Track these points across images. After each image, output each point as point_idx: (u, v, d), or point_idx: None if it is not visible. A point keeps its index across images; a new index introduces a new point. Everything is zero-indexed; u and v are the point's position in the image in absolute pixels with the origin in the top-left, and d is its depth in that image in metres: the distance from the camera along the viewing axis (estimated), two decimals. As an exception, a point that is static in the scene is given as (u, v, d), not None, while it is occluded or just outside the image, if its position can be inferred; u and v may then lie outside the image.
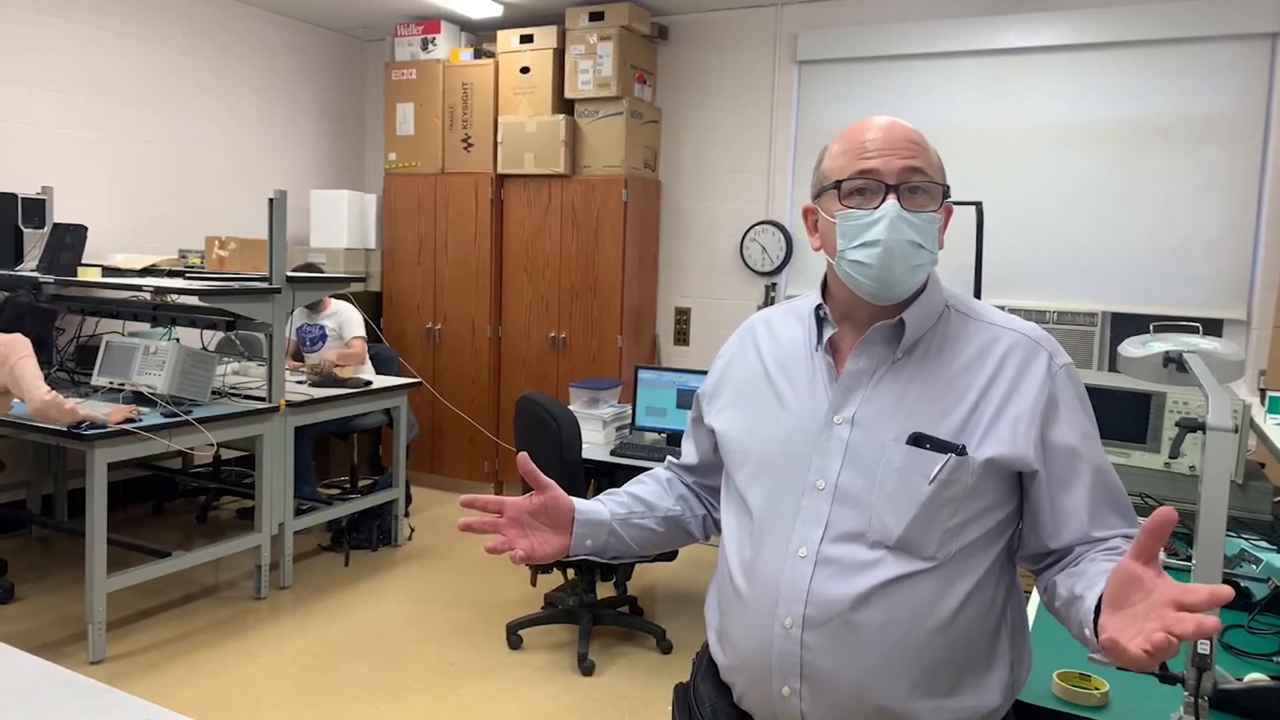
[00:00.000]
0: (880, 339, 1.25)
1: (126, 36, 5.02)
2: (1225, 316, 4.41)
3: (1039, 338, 1.25)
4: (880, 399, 1.23)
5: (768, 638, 1.22)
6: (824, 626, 1.18)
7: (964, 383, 1.21)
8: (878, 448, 1.20)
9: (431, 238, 5.80)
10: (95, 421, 3.30)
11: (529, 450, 3.51)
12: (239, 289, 3.84)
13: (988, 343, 1.24)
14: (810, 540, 1.21)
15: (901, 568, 1.17)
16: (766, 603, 1.22)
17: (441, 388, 5.75)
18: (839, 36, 5.13)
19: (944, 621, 1.17)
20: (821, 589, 1.19)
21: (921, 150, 1.22)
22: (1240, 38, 4.32)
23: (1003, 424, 1.19)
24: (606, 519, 1.42)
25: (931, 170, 1.22)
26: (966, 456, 1.17)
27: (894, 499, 1.18)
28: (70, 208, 4.66)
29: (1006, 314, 1.31)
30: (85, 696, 1.45)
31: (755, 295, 5.45)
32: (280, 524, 4.09)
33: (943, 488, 1.17)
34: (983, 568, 1.20)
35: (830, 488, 1.21)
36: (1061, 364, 1.24)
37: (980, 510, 1.20)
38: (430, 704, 3.21)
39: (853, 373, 1.25)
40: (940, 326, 1.26)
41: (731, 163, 5.50)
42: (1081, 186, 4.66)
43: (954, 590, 1.18)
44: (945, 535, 1.17)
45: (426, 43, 5.75)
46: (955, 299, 1.30)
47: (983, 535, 1.20)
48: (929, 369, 1.23)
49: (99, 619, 3.37)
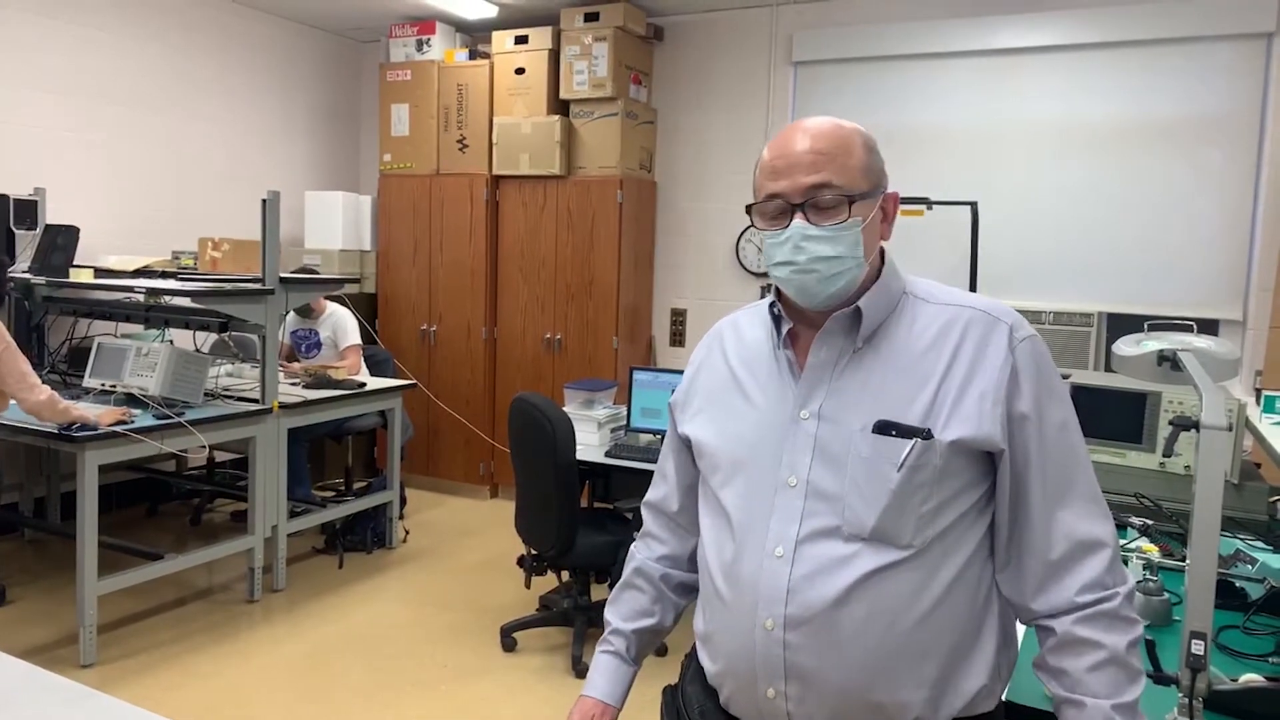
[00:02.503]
0: (839, 329, 1.24)
1: (120, 37, 5.00)
2: (1221, 317, 4.40)
3: (999, 312, 1.23)
4: (845, 390, 1.22)
5: (750, 640, 1.21)
6: (806, 626, 1.17)
7: (926, 366, 1.20)
8: (845, 439, 1.19)
9: (426, 239, 5.78)
10: (86, 423, 3.28)
11: (524, 452, 3.50)
12: (232, 290, 3.82)
13: (947, 323, 1.22)
14: (786, 538, 1.20)
15: (880, 559, 1.16)
16: (747, 605, 1.21)
17: (437, 389, 5.73)
18: (835, 37, 5.13)
19: (927, 610, 1.16)
20: (801, 588, 1.18)
21: (829, 160, 1.20)
22: (1236, 38, 4.32)
23: (967, 403, 1.17)
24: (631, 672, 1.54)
25: (845, 176, 1.20)
26: (933, 440, 1.15)
27: (864, 489, 1.17)
28: (62, 209, 4.64)
29: (967, 293, 1.28)
30: (72, 701, 1.44)
31: (751, 296, 5.44)
32: (274, 526, 4.07)
33: (912, 473, 1.15)
34: (965, 551, 1.19)
35: (802, 484, 1.21)
36: (1023, 337, 1.20)
37: (954, 493, 1.18)
38: (424, 706, 3.20)
39: (815, 365, 1.24)
40: (900, 312, 1.25)
41: (727, 164, 5.49)
42: (1077, 186, 4.66)
43: (936, 578, 1.17)
44: (920, 522, 1.16)
45: (421, 44, 5.74)
46: (915, 285, 1.29)
47: (960, 518, 1.19)
48: (890, 356, 1.22)
49: (90, 622, 3.35)
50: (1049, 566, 1.18)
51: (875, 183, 1.22)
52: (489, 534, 5.05)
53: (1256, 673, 1.52)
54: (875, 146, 1.25)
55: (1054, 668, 1.18)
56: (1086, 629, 1.15)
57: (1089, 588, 1.16)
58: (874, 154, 1.23)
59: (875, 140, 1.26)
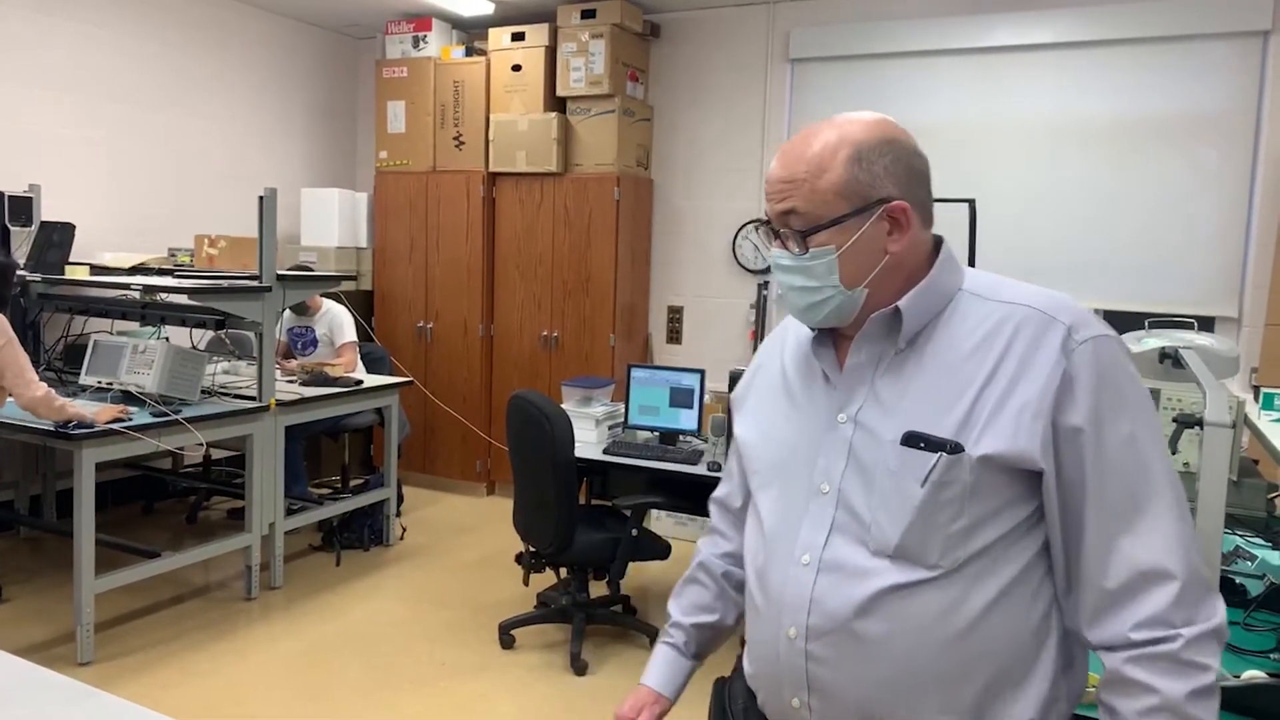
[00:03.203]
0: (878, 332, 1.16)
1: (117, 34, 4.98)
2: (1217, 314, 4.42)
3: (1058, 310, 1.09)
4: (883, 395, 1.14)
5: (776, 648, 1.18)
6: (827, 637, 1.13)
7: (969, 371, 1.10)
8: (877, 450, 1.12)
9: (423, 236, 5.77)
10: (83, 421, 3.27)
11: (522, 449, 3.50)
12: (229, 287, 3.81)
13: (997, 323, 1.11)
14: (814, 547, 1.15)
15: (903, 577, 1.09)
16: (774, 611, 1.19)
17: (433, 387, 5.72)
18: (832, 34, 5.13)
19: (959, 633, 1.08)
20: (823, 598, 1.13)
21: (795, 186, 1.12)
22: (1232, 36, 4.33)
23: (1005, 415, 1.07)
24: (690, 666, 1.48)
25: (813, 202, 1.12)
26: (961, 454, 1.06)
27: (890, 504, 1.10)
28: (59, 206, 4.62)
29: (1033, 289, 1.14)
30: (72, 700, 1.43)
31: (748, 293, 5.44)
32: (271, 524, 4.06)
33: (937, 490, 1.07)
34: (1010, 572, 1.09)
35: (834, 491, 1.15)
36: (1085, 338, 1.07)
37: (991, 511, 1.08)
38: (422, 704, 3.19)
39: (854, 367, 1.18)
40: (951, 312, 1.14)
41: (724, 161, 5.49)
42: (1074, 184, 4.67)
43: (971, 600, 1.08)
44: (949, 541, 1.08)
45: (418, 40, 5.72)
46: (975, 281, 1.17)
47: (1002, 539, 1.09)
48: (933, 360, 1.13)
49: (87, 620, 3.34)
50: (1105, 596, 1.06)
51: (862, 199, 1.11)
52: (486, 531, 5.05)
53: (1258, 669, 1.53)
54: (872, 154, 1.12)
55: (1105, 703, 1.08)
56: (1138, 670, 1.04)
57: (1147, 624, 1.04)
58: (863, 164, 1.11)
59: (887, 141, 1.13)
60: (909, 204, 1.13)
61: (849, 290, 1.14)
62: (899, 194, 1.12)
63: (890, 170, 1.12)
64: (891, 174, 1.12)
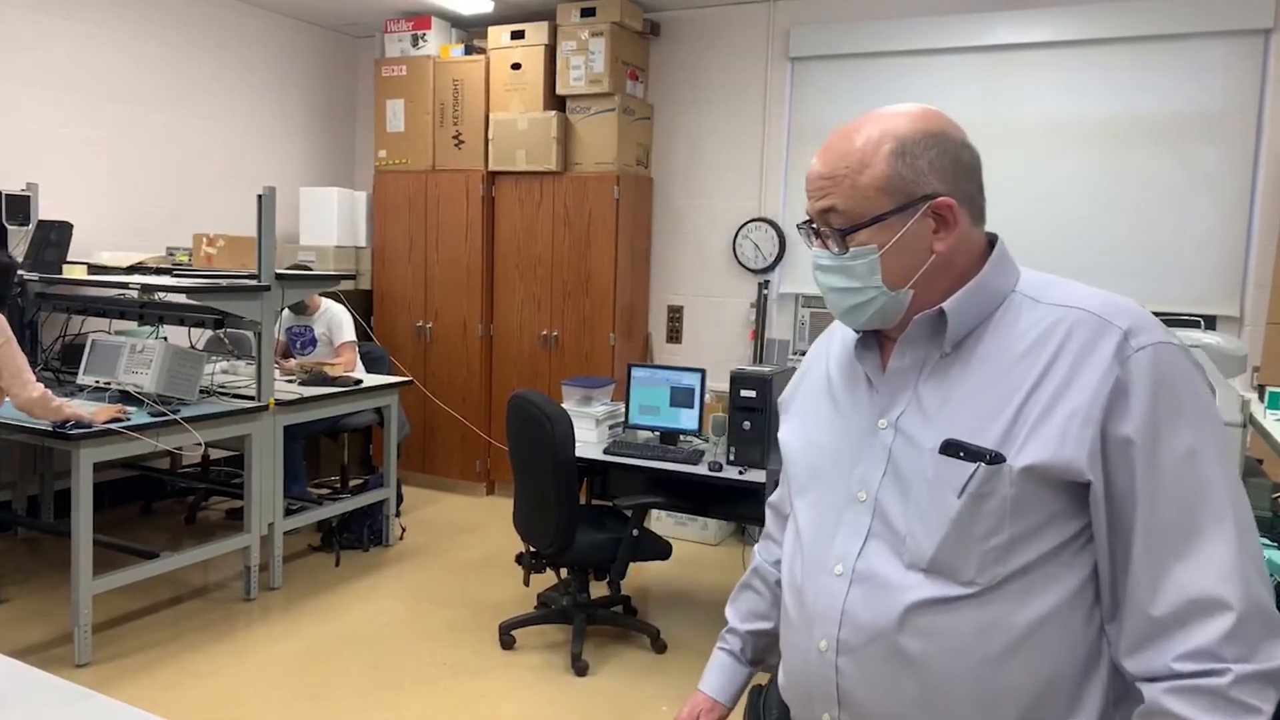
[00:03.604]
0: (922, 334, 1.11)
1: (116, 33, 4.96)
2: (1219, 313, 4.40)
3: (1113, 313, 1.03)
4: (926, 401, 1.09)
5: (806, 661, 1.15)
6: (858, 652, 1.09)
7: (1015, 378, 1.04)
8: (916, 458, 1.08)
9: (422, 235, 5.75)
10: (81, 421, 3.25)
11: (522, 449, 3.49)
12: (228, 287, 3.80)
13: (1049, 327, 1.04)
14: (847, 557, 1.11)
15: (937, 593, 1.04)
16: (805, 623, 1.15)
17: (433, 386, 5.71)
18: (831, 33, 5.11)
19: (998, 655, 1.02)
20: (855, 611, 1.09)
21: (835, 183, 1.08)
22: (1233, 34, 4.32)
23: (1052, 423, 1.00)
24: (747, 674, 1.44)
25: (853, 200, 1.07)
26: (1002, 465, 1.01)
27: (926, 515, 1.05)
28: (56, 204, 4.61)
29: (1089, 291, 1.08)
30: (69, 702, 1.42)
31: (748, 293, 5.42)
32: (270, 524, 4.05)
33: (974, 502, 1.02)
34: (1059, 592, 1.02)
35: (871, 499, 1.11)
36: (1141, 345, 1.00)
37: (1034, 527, 1.02)
38: (423, 705, 3.18)
39: (896, 371, 1.13)
40: (1002, 314, 1.09)
41: (724, 160, 5.47)
42: (1073, 183, 4.66)
43: (1012, 620, 1.02)
44: (987, 557, 1.02)
45: (417, 39, 5.71)
46: (1028, 282, 1.11)
47: (1047, 557, 1.02)
48: (980, 365, 1.07)
49: (85, 621, 3.32)
50: (1149, 623, 0.98)
51: (906, 196, 1.06)
52: (486, 531, 5.03)
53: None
54: (917, 147, 1.06)
55: None
56: (1177, 703, 0.95)
57: (1193, 656, 0.95)
58: (907, 159, 1.06)
59: (933, 134, 1.08)
60: (956, 200, 1.07)
61: (893, 291, 1.09)
62: (945, 189, 1.07)
63: (935, 164, 1.07)
64: (937, 168, 1.07)
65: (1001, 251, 1.13)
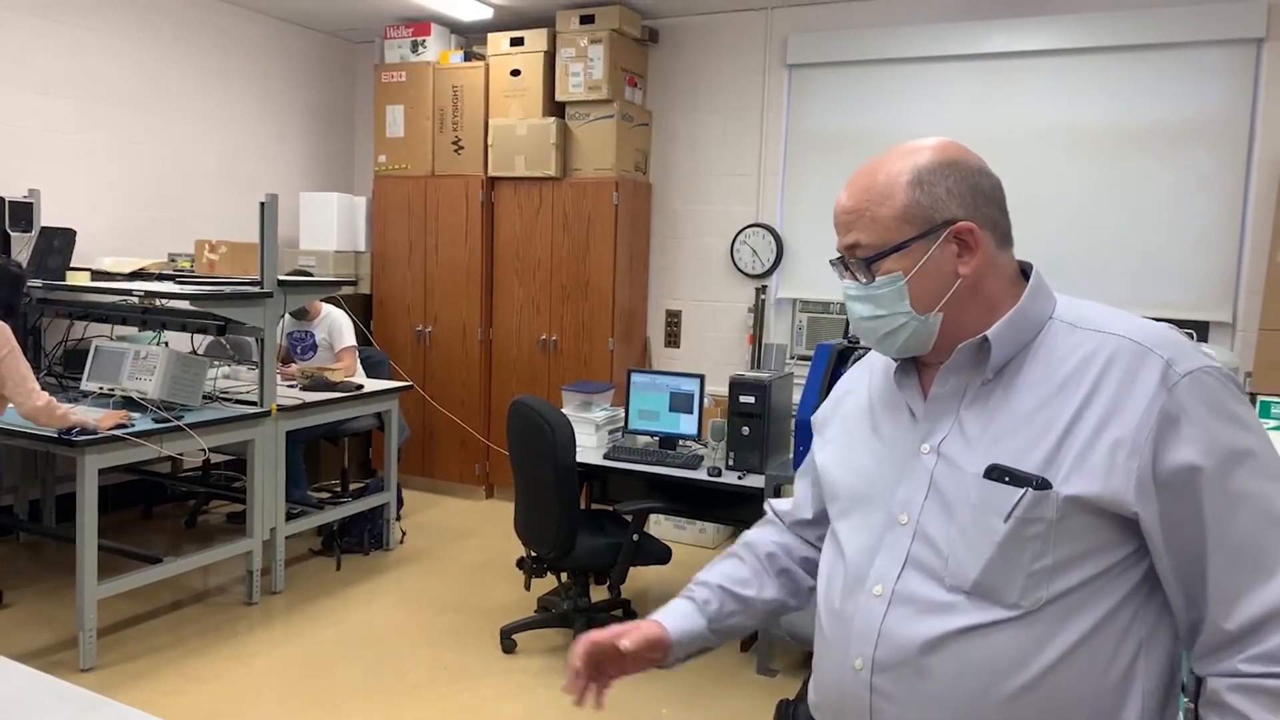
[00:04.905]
0: (965, 362, 1.13)
1: (115, 38, 4.98)
2: (1212, 319, 4.45)
3: (1155, 341, 1.04)
4: (969, 427, 1.11)
5: (841, 679, 1.16)
6: (893, 671, 1.10)
7: (1057, 405, 1.05)
8: (959, 482, 1.09)
9: (422, 240, 5.78)
10: (86, 427, 3.27)
11: (523, 454, 3.51)
12: (231, 293, 3.82)
13: (1089, 354, 1.06)
14: (887, 578, 1.12)
15: (979, 616, 1.05)
16: (841, 641, 1.17)
17: (432, 391, 5.74)
18: (829, 40, 5.15)
19: (1036, 677, 1.04)
20: (892, 630, 1.10)
21: (858, 217, 1.13)
22: (1226, 43, 4.36)
23: (1096, 453, 1.02)
24: (703, 629, 1.34)
25: (875, 231, 1.12)
26: (1049, 491, 1.02)
27: (970, 538, 1.07)
28: (58, 211, 4.63)
29: (1128, 318, 1.09)
30: (82, 710, 1.44)
31: (746, 298, 5.46)
32: (272, 529, 4.07)
33: (1020, 526, 1.03)
34: (1096, 614, 1.04)
35: (913, 523, 1.12)
36: (1186, 371, 1.01)
37: (1079, 553, 1.03)
38: (424, 708, 3.21)
39: (939, 397, 1.15)
40: (1039, 342, 1.11)
41: (722, 166, 5.51)
42: (1069, 190, 4.69)
43: (1050, 644, 1.03)
44: (1031, 581, 1.03)
45: (416, 45, 5.74)
46: (1067, 308, 1.14)
47: (1088, 581, 1.04)
48: (1020, 392, 1.09)
49: (90, 626, 3.34)
50: (1224, 635, 1.00)
51: (926, 223, 1.10)
52: (486, 535, 5.06)
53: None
54: (933, 176, 1.11)
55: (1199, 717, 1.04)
56: (1239, 698, 0.99)
57: (1262, 658, 0.98)
58: (924, 188, 1.10)
59: (949, 163, 1.12)
60: (977, 223, 1.11)
61: (922, 316, 1.12)
62: (964, 214, 1.11)
63: (954, 190, 1.11)
64: (955, 194, 1.11)
65: (1039, 280, 1.16)
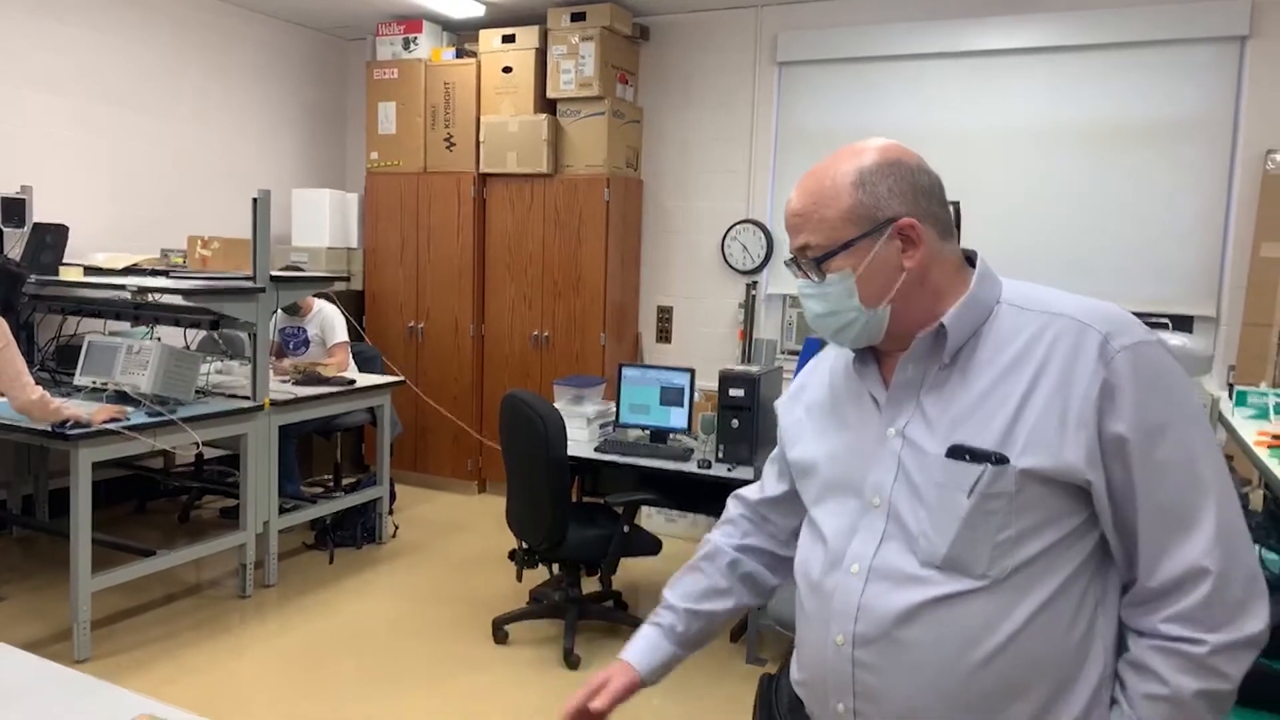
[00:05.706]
0: (924, 349, 1.19)
1: (109, 35, 4.99)
2: (1196, 313, 4.50)
3: (1093, 318, 1.11)
4: (929, 410, 1.18)
5: (823, 655, 1.22)
6: (874, 644, 1.16)
7: (1010, 383, 1.12)
8: (923, 463, 1.16)
9: (414, 237, 5.80)
10: (79, 421, 3.29)
11: (515, 448, 3.55)
12: (224, 289, 3.84)
13: (1035, 333, 1.13)
14: (863, 557, 1.19)
15: (951, 587, 1.12)
16: (823, 619, 1.22)
17: (424, 386, 5.76)
18: (819, 38, 5.19)
19: (1002, 644, 1.10)
20: (871, 604, 1.16)
21: (805, 220, 1.20)
22: (1210, 40, 4.42)
23: (1047, 428, 1.09)
24: (672, 652, 1.46)
25: (822, 232, 1.18)
26: (1006, 465, 1.09)
27: (938, 515, 1.13)
28: (51, 207, 4.63)
29: (1067, 297, 1.17)
30: (83, 694, 1.46)
31: (737, 294, 5.50)
32: (265, 522, 4.09)
33: (983, 500, 1.10)
34: (1053, 584, 1.11)
35: (885, 504, 1.19)
36: (1122, 345, 1.08)
37: (1038, 523, 1.10)
38: (417, 699, 3.24)
39: (901, 384, 1.21)
40: (989, 325, 1.17)
41: (713, 162, 5.54)
42: (1056, 186, 4.74)
43: (1015, 611, 1.10)
44: (996, 551, 1.10)
45: (408, 42, 5.76)
46: (1012, 291, 1.20)
47: (1048, 549, 1.11)
48: (975, 373, 1.15)
49: (84, 618, 3.36)
50: (1147, 593, 1.10)
51: (870, 221, 1.16)
52: (478, 528, 5.09)
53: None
54: (875, 176, 1.17)
55: (1119, 675, 1.13)
56: (1157, 659, 1.08)
57: (1177, 619, 1.07)
58: (867, 188, 1.16)
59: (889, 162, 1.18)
60: (918, 219, 1.17)
61: (871, 309, 1.19)
62: (906, 211, 1.17)
63: (894, 190, 1.17)
64: (896, 193, 1.17)
65: (985, 266, 1.22)
